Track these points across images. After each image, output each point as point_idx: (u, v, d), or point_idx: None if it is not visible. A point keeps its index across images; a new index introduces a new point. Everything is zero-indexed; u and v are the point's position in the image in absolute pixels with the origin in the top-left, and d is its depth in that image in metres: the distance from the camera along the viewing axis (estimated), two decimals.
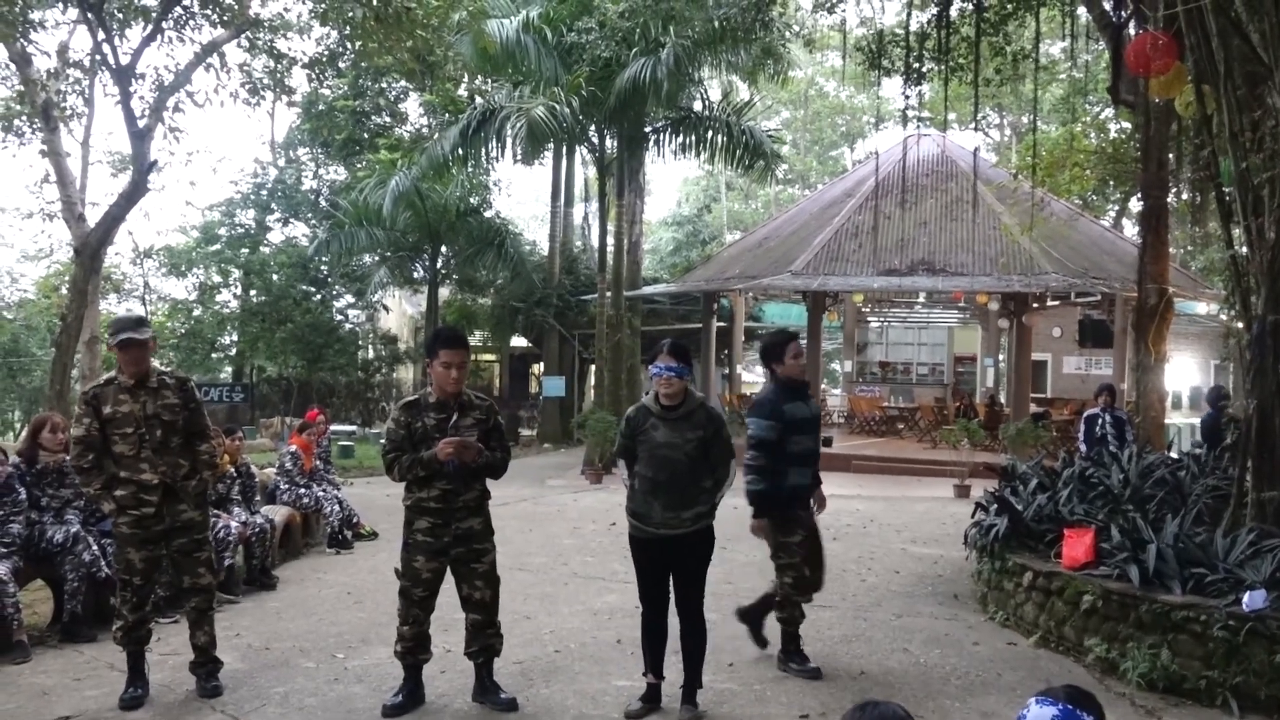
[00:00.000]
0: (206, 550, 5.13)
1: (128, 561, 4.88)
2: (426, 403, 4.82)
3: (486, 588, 4.90)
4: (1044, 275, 16.54)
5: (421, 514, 4.76)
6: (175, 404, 5.00)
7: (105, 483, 4.85)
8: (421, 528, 4.76)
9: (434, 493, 4.72)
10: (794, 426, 5.38)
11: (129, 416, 4.87)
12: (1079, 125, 19.71)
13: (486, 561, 4.90)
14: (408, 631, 4.80)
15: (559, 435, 23.36)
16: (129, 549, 4.86)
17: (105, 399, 4.88)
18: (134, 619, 4.89)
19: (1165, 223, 10.57)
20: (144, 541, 4.87)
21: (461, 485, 4.74)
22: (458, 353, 4.76)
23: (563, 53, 17.30)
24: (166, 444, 4.94)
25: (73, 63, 17.54)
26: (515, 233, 25.03)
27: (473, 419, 4.80)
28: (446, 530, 4.76)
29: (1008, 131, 37.20)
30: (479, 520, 4.87)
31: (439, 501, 4.73)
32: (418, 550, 4.77)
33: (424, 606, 4.81)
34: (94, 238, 15.15)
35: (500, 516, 11.60)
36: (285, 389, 25.77)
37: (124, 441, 4.86)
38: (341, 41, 18.61)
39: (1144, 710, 4.76)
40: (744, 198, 45.31)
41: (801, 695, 5.01)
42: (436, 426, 4.73)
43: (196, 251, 25.52)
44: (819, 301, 18.66)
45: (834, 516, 11.21)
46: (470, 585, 4.86)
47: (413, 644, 4.81)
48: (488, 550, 4.92)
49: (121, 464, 4.86)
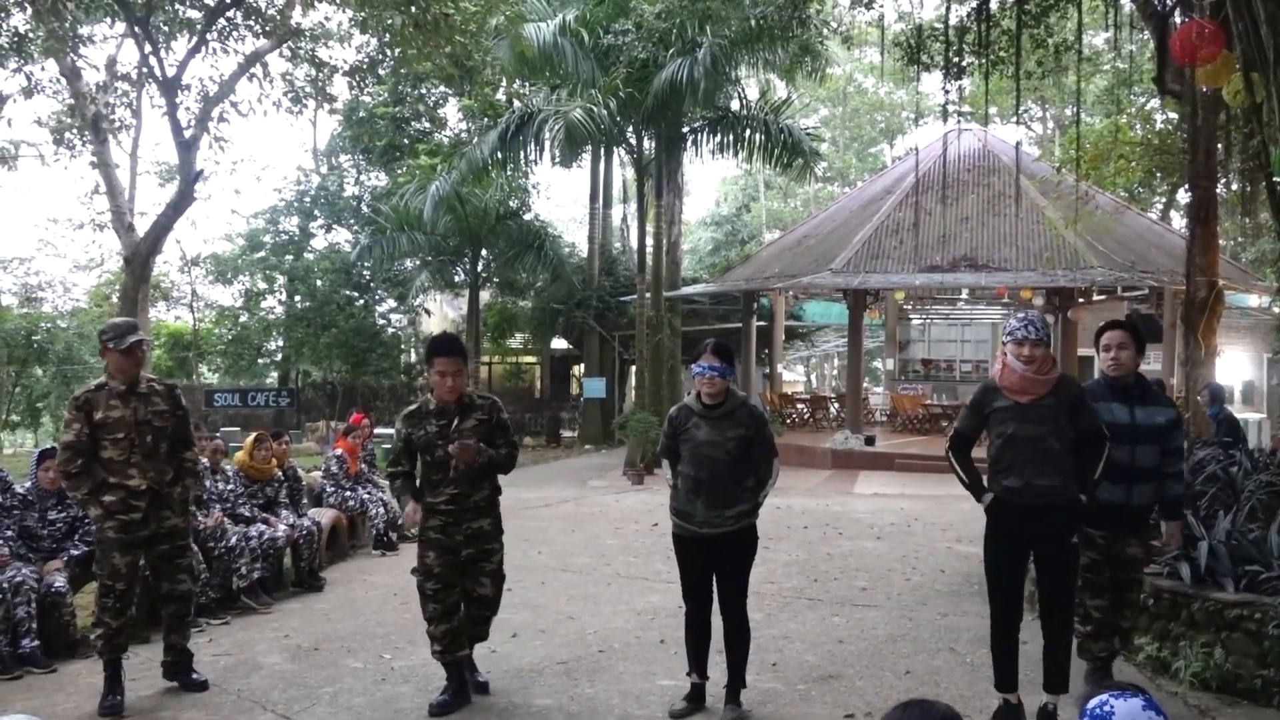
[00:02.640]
0: (188, 557, 5.26)
1: (113, 567, 4.89)
2: (428, 410, 4.92)
3: (492, 585, 5.06)
4: (1089, 269, 16.30)
5: (432, 515, 4.88)
6: (165, 410, 5.05)
7: (93, 488, 4.86)
8: (434, 526, 4.88)
9: (443, 496, 4.84)
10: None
11: (120, 422, 4.90)
12: (1124, 117, 19.40)
13: (495, 561, 5.04)
14: (437, 631, 4.87)
15: (600, 436, 23.41)
16: (114, 554, 4.88)
17: (97, 404, 4.90)
18: (117, 625, 4.91)
19: (1214, 214, 10.37)
20: (129, 546, 4.91)
21: (469, 486, 4.85)
22: (452, 360, 4.85)
23: (600, 55, 17.34)
24: (155, 450, 4.99)
25: (121, 76, 17.97)
26: (554, 235, 25.13)
27: (475, 420, 4.89)
28: (458, 530, 4.88)
29: (1050, 124, 36.68)
30: (489, 520, 4.98)
31: (450, 504, 4.85)
32: (430, 547, 4.88)
33: (439, 600, 4.88)
34: (143, 247, 15.47)
35: (543, 518, 11.76)
36: (330, 393, 26.09)
37: (114, 447, 4.88)
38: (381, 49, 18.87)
39: (1197, 710, 4.68)
40: (783, 196, 45.10)
41: (847, 695, 4.99)
42: (439, 433, 4.84)
43: (242, 259, 25.94)
44: (860, 299, 18.53)
45: (877, 515, 11.17)
46: (476, 582, 5.01)
47: (448, 641, 4.87)
48: (496, 550, 5.05)
49: (110, 469, 4.88)
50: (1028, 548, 4.46)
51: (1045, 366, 4.30)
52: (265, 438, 7.88)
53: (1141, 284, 16.89)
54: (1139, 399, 4.62)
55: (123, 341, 4.94)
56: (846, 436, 17.61)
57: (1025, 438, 4.29)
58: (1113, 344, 4.63)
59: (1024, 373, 4.27)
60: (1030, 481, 4.27)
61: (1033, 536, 4.39)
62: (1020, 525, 4.38)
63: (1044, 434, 4.27)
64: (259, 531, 7.20)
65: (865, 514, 11.33)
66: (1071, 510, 4.34)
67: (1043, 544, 4.39)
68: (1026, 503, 4.31)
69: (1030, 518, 4.34)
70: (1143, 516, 4.71)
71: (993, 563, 4.52)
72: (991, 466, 4.45)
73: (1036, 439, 4.27)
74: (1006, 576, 4.48)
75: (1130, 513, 4.62)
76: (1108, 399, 4.62)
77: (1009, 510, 4.37)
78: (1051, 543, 4.37)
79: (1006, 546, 4.45)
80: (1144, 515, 4.71)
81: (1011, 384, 4.32)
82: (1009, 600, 4.49)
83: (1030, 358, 4.25)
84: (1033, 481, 4.27)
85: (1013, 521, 4.39)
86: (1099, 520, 4.56)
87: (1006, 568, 4.48)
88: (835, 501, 12.60)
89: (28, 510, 6.04)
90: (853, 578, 7.87)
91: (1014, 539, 4.42)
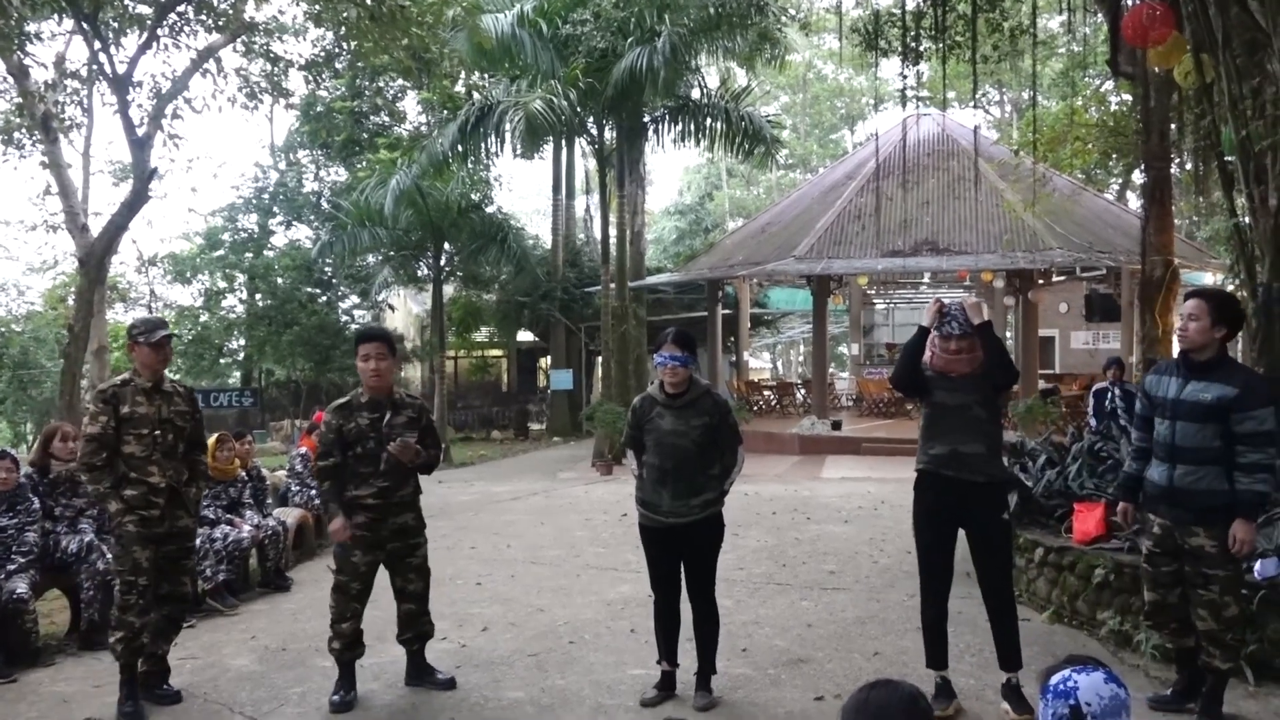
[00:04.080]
0: (193, 559, 5.28)
1: (134, 562, 4.80)
2: (359, 403, 4.94)
3: (419, 579, 5.07)
4: (1048, 251, 16.49)
5: (358, 510, 4.86)
6: (185, 411, 5.06)
7: (114, 482, 4.83)
8: (359, 523, 4.86)
9: (371, 490, 4.86)
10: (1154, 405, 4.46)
11: (146, 418, 4.87)
12: (1079, 99, 19.60)
13: (420, 555, 5.07)
14: (346, 629, 4.88)
15: (568, 428, 23.38)
16: (135, 548, 4.79)
17: (123, 399, 4.87)
18: (139, 625, 4.80)
19: (1168, 194, 10.51)
20: (149, 541, 4.84)
21: (397, 481, 4.91)
22: (376, 345, 4.92)
23: (559, 45, 17.26)
24: (174, 449, 4.97)
25: (70, 73, 17.58)
26: (518, 227, 24.99)
27: (405, 417, 4.95)
28: (383, 525, 4.90)
29: (1008, 108, 37.04)
30: (412, 515, 5.03)
31: (376, 498, 4.86)
32: (355, 545, 4.86)
33: (360, 600, 4.93)
34: (98, 247, 15.19)
35: (512, 511, 11.73)
36: (294, 391, 25.84)
37: (138, 442, 4.85)
38: (337, 42, 18.62)
39: (1158, 681, 4.76)
40: (745, 184, 45.23)
41: (816, 678, 5.03)
42: (370, 426, 4.87)
43: (201, 258, 25.58)
44: (824, 285, 18.64)
45: (845, 499, 11.25)
46: (404, 578, 5.03)
47: (351, 640, 4.89)
48: (421, 544, 5.08)
49: (131, 464, 4.83)
50: (956, 525, 4.53)
51: (972, 354, 4.44)
52: (227, 438, 7.78)
53: (1099, 264, 17.12)
54: (1199, 374, 4.21)
55: (153, 335, 4.91)
56: (813, 422, 17.71)
57: (952, 406, 4.46)
58: (1184, 314, 4.28)
59: (949, 359, 4.45)
60: (956, 449, 4.42)
61: (961, 513, 4.48)
62: (947, 499, 4.47)
63: (970, 403, 4.44)
64: (223, 533, 7.12)
65: (833, 498, 11.41)
66: (998, 484, 4.51)
67: (971, 520, 4.49)
68: (953, 473, 4.42)
69: (957, 491, 4.43)
70: (1199, 502, 4.19)
71: (922, 542, 4.61)
72: (921, 438, 4.60)
73: (963, 407, 4.44)
74: (936, 555, 4.56)
75: (1176, 495, 4.26)
76: (1169, 372, 4.38)
77: (937, 482, 4.48)
78: (980, 518, 4.47)
79: (935, 525, 4.53)
80: (1199, 501, 4.19)
81: (940, 367, 4.50)
82: (938, 577, 4.56)
83: (957, 350, 4.43)
84: (958, 449, 4.41)
85: (940, 495, 4.48)
86: (1154, 503, 4.42)
87: (935, 545, 4.56)
88: (803, 487, 12.68)
89: None
90: (821, 562, 7.92)
91: (941, 515, 4.51)
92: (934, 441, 4.50)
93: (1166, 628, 4.50)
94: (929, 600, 4.59)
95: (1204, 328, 4.20)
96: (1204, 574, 4.22)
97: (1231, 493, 4.14)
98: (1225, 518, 4.14)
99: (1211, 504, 4.18)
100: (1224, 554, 4.16)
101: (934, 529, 4.55)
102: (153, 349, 4.92)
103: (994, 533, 4.50)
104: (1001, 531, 4.53)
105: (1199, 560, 4.23)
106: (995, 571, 4.52)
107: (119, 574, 4.90)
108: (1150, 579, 4.50)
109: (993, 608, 4.53)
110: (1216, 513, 4.17)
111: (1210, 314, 4.20)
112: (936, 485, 4.49)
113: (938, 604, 4.57)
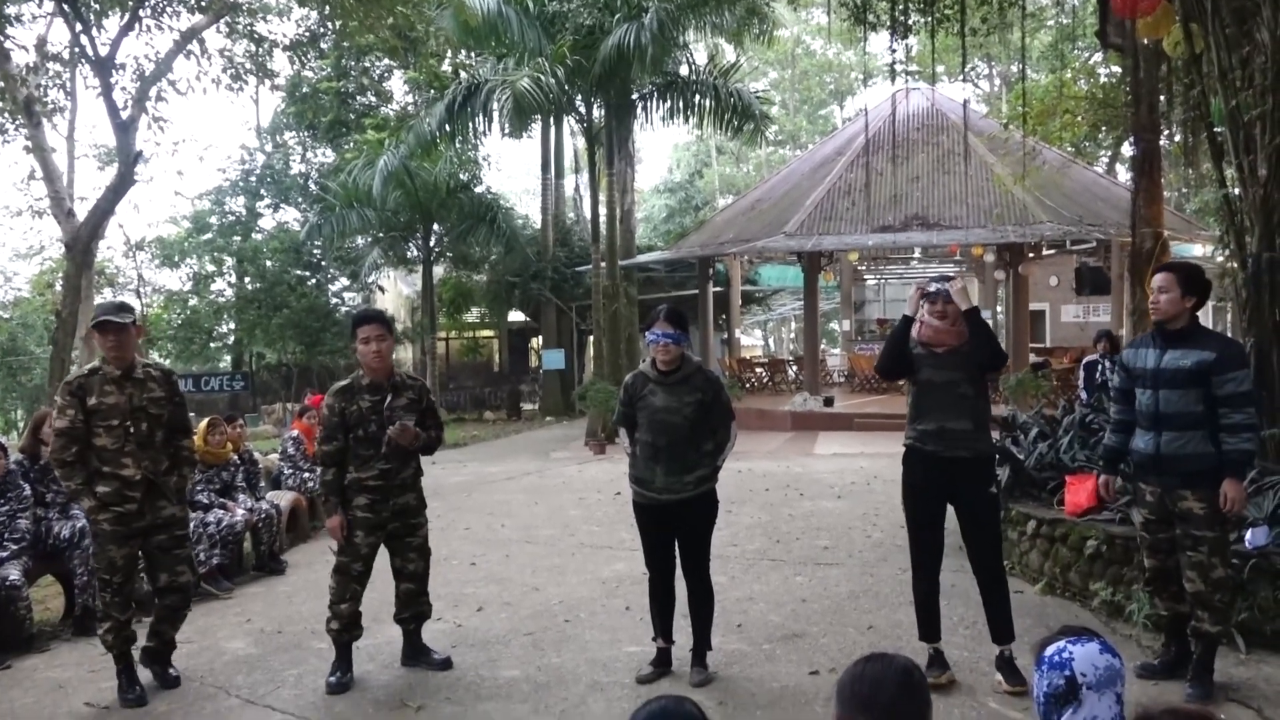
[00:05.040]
0: (186, 548, 5.08)
1: (109, 560, 4.71)
2: (360, 386, 4.92)
3: (420, 560, 5.09)
4: (1038, 225, 16.48)
5: (360, 492, 4.87)
6: (161, 397, 4.84)
7: (86, 478, 4.68)
8: (361, 504, 4.87)
9: (373, 472, 4.87)
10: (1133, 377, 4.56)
11: (115, 408, 4.69)
12: (1068, 72, 19.54)
13: (421, 535, 5.09)
14: (345, 610, 4.90)
15: (560, 408, 23.38)
16: (110, 546, 4.70)
17: (90, 389, 4.68)
18: (123, 617, 4.77)
19: (1158, 166, 10.52)
20: (126, 538, 4.73)
21: (399, 463, 4.92)
22: (374, 327, 4.91)
23: (545, 22, 17.13)
24: (150, 438, 4.78)
25: (52, 56, 17.41)
26: (507, 207, 24.92)
27: (407, 399, 4.95)
28: (385, 506, 4.91)
29: (997, 82, 36.93)
30: (414, 495, 5.04)
31: (378, 479, 4.87)
32: (357, 526, 4.87)
33: (361, 582, 4.95)
34: (84, 232, 15.10)
35: (506, 491, 11.74)
36: (285, 375, 25.77)
37: (108, 434, 4.68)
38: (322, 22, 18.52)
39: (1150, 651, 4.79)
40: (735, 161, 45.07)
41: (811, 652, 5.05)
42: (372, 409, 4.87)
43: (188, 241, 25.43)
44: (814, 262, 18.60)
45: (838, 475, 11.28)
46: (404, 558, 5.05)
47: (349, 621, 4.91)
48: (422, 524, 5.10)
49: (103, 458, 4.68)
50: (944, 500, 4.57)
51: (957, 325, 4.50)
52: (219, 422, 7.76)
53: (1089, 237, 17.12)
54: (1175, 343, 4.31)
55: (101, 321, 4.68)
56: (805, 398, 17.75)
57: (940, 383, 4.50)
58: (1154, 287, 4.41)
59: (938, 326, 4.51)
60: (944, 425, 4.47)
61: (949, 488, 4.53)
62: (934, 474, 4.51)
63: (957, 379, 4.49)
64: (217, 518, 7.11)
65: (826, 474, 11.44)
66: (985, 459, 4.55)
67: (959, 495, 4.54)
68: (940, 449, 4.47)
69: (944, 466, 4.48)
70: (1186, 467, 4.27)
71: (912, 517, 4.65)
72: (910, 414, 4.65)
73: (951, 384, 4.49)
74: (926, 529, 4.60)
75: (1163, 462, 4.32)
76: (1146, 344, 4.48)
77: (924, 458, 4.53)
78: (968, 493, 4.51)
79: (924, 500, 4.58)
80: (1186, 465, 4.26)
81: (928, 338, 4.55)
82: (928, 552, 4.61)
83: (943, 313, 4.49)
84: (946, 425, 4.47)
85: (928, 470, 4.53)
86: (1143, 472, 4.48)
87: (924, 520, 4.60)
88: (796, 463, 12.71)
89: None
90: (814, 537, 7.95)
91: (930, 491, 4.56)
92: (921, 418, 4.55)
93: (1167, 591, 4.54)
94: (920, 575, 4.63)
95: (1175, 299, 4.33)
96: (1192, 535, 4.28)
97: (1217, 455, 4.24)
98: (1213, 480, 4.23)
99: (1199, 467, 4.26)
100: (1211, 516, 4.23)
101: (922, 504, 4.58)
102: (99, 333, 4.72)
103: (982, 507, 4.53)
104: (990, 505, 4.56)
105: (1187, 522, 4.29)
106: (985, 545, 4.55)
107: (95, 571, 4.87)
108: (1148, 546, 4.55)
109: (983, 581, 4.56)
110: (1204, 475, 4.25)
111: (1179, 285, 4.33)
112: (924, 461, 4.53)
113: (929, 578, 4.60)
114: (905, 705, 1.98)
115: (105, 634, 4.78)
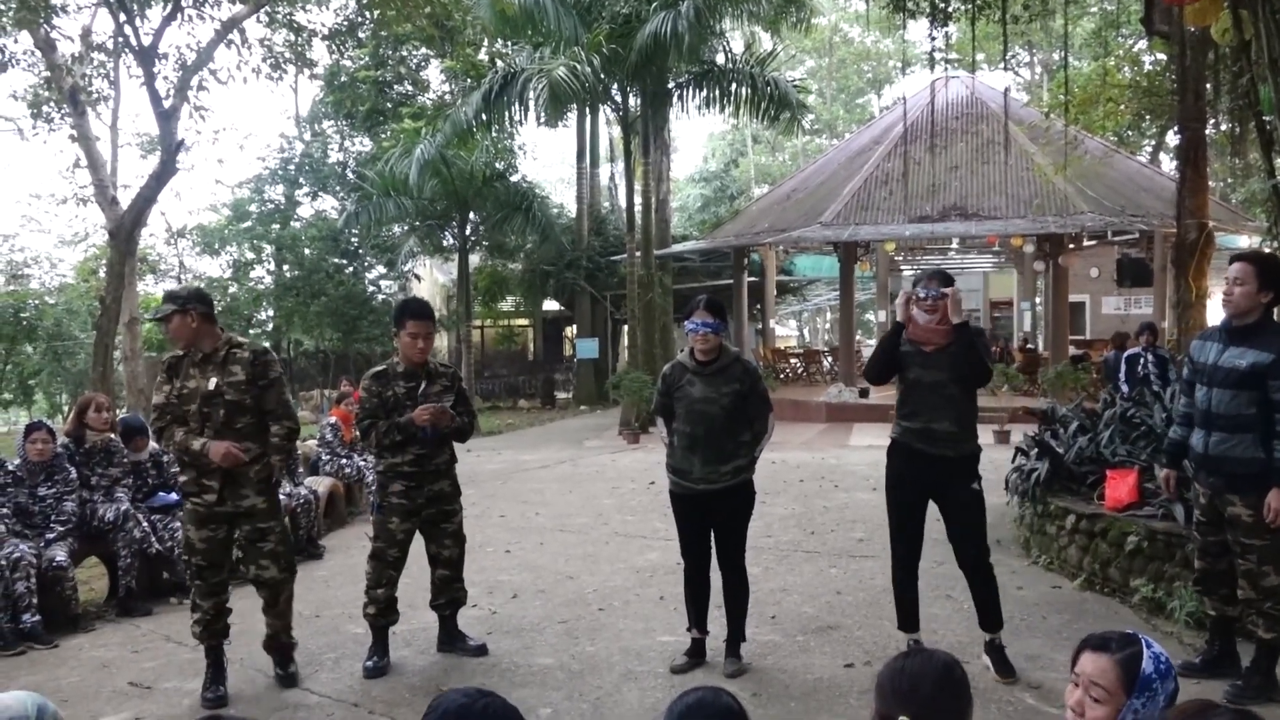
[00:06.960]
0: (271, 541, 4.67)
1: (187, 539, 4.65)
2: (395, 372, 4.97)
3: (455, 546, 5.11)
4: (1079, 215, 16.26)
5: (396, 478, 4.92)
6: (241, 381, 4.53)
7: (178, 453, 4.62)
8: (396, 490, 4.92)
9: (408, 457, 4.90)
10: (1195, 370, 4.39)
11: (193, 393, 4.53)
12: (1112, 59, 19.23)
13: (455, 521, 5.11)
14: (381, 595, 4.95)
15: (594, 397, 23.43)
16: (189, 526, 4.63)
17: (178, 371, 4.61)
18: (210, 608, 4.62)
19: (1204, 155, 10.31)
20: (204, 521, 4.57)
21: (434, 448, 4.94)
22: (423, 324, 4.93)
23: (581, 11, 17.09)
24: (230, 425, 4.52)
25: (96, 46, 17.65)
26: (542, 196, 24.93)
27: (440, 386, 4.99)
28: (420, 492, 4.94)
29: (1038, 70, 36.40)
30: (448, 482, 5.06)
31: (413, 465, 4.90)
32: (393, 512, 4.92)
33: (396, 568, 5.00)
34: (127, 220, 15.31)
35: (540, 479, 11.79)
36: (323, 362, 26.01)
37: (190, 420, 4.55)
38: (360, 11, 18.58)
39: (1192, 649, 4.73)
40: (771, 150, 44.84)
41: (845, 645, 5.03)
42: (407, 395, 4.91)
43: (228, 229, 25.69)
44: (850, 252, 18.48)
45: (872, 467, 11.18)
46: (439, 544, 5.08)
47: (385, 606, 4.96)
48: (456, 511, 5.12)
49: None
50: (925, 494, 4.61)
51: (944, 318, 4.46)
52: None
53: (1132, 228, 16.86)
54: (1238, 339, 4.11)
55: (159, 311, 4.66)
56: (840, 390, 17.65)
57: (927, 383, 4.49)
58: (1229, 277, 4.14)
59: (926, 323, 4.48)
60: (929, 425, 4.48)
61: (931, 484, 4.56)
62: (916, 469, 4.55)
63: (945, 380, 4.47)
64: None
65: (860, 466, 11.37)
66: (969, 458, 4.54)
67: (942, 490, 4.56)
68: (924, 447, 4.50)
69: (927, 463, 4.51)
70: (1231, 469, 4.12)
71: (893, 508, 4.69)
72: (897, 411, 4.67)
73: (938, 385, 4.48)
74: (907, 522, 4.65)
75: (1212, 463, 4.19)
76: (1213, 337, 4.29)
77: (909, 454, 4.56)
78: (950, 489, 4.53)
79: (905, 493, 4.63)
80: (1231, 468, 4.12)
81: (916, 335, 4.54)
82: (908, 544, 4.67)
83: (933, 306, 4.46)
84: (931, 425, 4.48)
85: (910, 464, 4.57)
86: (1197, 470, 4.36)
87: (906, 513, 4.65)
88: (830, 454, 12.65)
89: (19, 487, 6.02)
90: (849, 529, 7.91)
91: (912, 486, 4.59)
92: (908, 417, 4.58)
93: (1216, 594, 4.46)
94: (898, 564, 4.71)
95: (1249, 292, 4.08)
96: (1241, 543, 4.16)
97: (1267, 461, 4.05)
98: (1260, 486, 4.06)
99: (1244, 471, 4.10)
100: (1260, 523, 4.08)
101: (905, 497, 4.64)
102: (164, 325, 4.67)
103: (964, 503, 4.54)
104: (972, 501, 4.55)
105: (1236, 529, 4.18)
106: (967, 539, 4.58)
107: (184, 550, 4.81)
108: (1199, 548, 4.50)
109: (968, 573, 4.62)
110: (1250, 480, 4.09)
111: (1257, 278, 4.07)
112: (907, 455, 4.58)
113: (906, 568, 4.68)
114: (946, 701, 1.96)
115: (193, 625, 4.68)
